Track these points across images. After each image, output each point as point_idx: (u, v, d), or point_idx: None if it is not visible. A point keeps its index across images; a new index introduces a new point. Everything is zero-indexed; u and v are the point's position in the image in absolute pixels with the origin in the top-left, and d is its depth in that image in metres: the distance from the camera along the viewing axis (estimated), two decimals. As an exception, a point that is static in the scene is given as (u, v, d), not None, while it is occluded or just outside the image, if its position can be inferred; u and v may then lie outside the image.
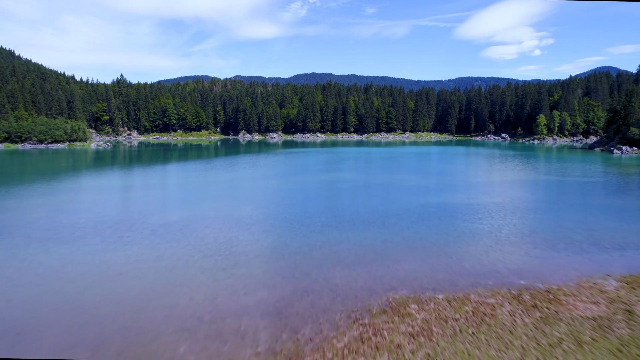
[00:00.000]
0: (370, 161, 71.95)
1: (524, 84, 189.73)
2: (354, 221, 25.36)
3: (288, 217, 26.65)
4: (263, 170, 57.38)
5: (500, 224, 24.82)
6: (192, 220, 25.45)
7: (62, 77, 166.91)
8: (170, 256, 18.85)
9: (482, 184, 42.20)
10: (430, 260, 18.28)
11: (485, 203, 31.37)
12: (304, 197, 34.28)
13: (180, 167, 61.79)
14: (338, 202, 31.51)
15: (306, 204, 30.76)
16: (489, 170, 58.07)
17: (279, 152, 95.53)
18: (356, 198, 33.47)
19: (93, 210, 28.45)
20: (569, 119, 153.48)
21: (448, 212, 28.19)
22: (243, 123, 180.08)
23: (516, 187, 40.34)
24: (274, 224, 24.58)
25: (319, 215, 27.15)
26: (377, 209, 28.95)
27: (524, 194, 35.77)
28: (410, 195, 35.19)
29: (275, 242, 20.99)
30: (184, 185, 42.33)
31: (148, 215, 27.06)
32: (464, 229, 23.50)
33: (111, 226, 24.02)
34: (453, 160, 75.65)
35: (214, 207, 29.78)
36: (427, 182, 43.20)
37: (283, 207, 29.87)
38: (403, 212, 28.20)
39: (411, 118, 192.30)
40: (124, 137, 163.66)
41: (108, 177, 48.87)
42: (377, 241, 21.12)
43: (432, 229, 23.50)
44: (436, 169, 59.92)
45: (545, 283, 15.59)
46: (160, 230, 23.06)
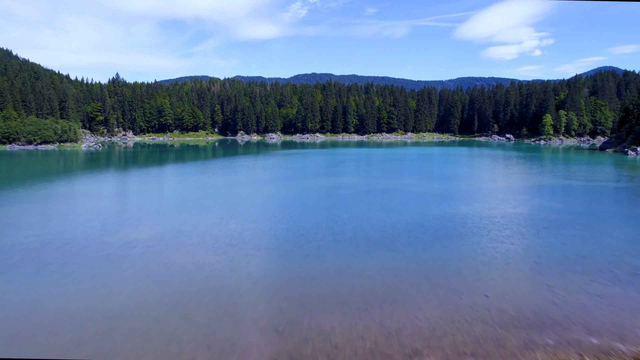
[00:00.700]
0: (372, 163, 67.52)
1: (529, 83, 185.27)
2: (357, 240, 20.94)
3: (278, 234, 22.22)
4: (257, 173, 52.97)
5: (535, 245, 20.39)
6: (161, 239, 21.02)
7: (56, 76, 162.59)
8: (118, 296, 14.44)
9: (500, 191, 37.75)
10: (459, 300, 13.86)
11: (510, 215, 26.93)
12: (299, 207, 29.84)
13: (169, 171, 57.39)
14: (338, 214, 27.08)
15: (301, 217, 26.32)
16: (501, 173, 53.62)
17: (277, 154, 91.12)
18: (358, 208, 29.04)
19: (48, 225, 24.04)
20: (575, 118, 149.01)
21: (468, 227, 23.76)
22: (241, 123, 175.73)
23: (538, 194, 35.89)
24: (260, 245, 20.14)
25: (315, 231, 22.72)
26: (383, 223, 24.52)
27: (550, 203, 31.31)
28: (420, 204, 30.76)
29: (258, 274, 16.55)
30: (166, 192, 37.92)
31: (111, 231, 22.64)
32: (493, 252, 19.06)
33: (59, 247, 19.60)
34: (460, 162, 71.19)
35: (192, 220, 25.35)
36: (437, 188, 38.75)
37: (273, 220, 25.43)
38: (415, 227, 23.78)
39: (413, 118, 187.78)
40: (119, 137, 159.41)
41: (86, 182, 44.46)
42: (388, 270, 16.68)
43: (454, 252, 19.07)
44: (444, 172, 55.48)
45: (628, 342, 11.17)
46: (117, 254, 18.63)
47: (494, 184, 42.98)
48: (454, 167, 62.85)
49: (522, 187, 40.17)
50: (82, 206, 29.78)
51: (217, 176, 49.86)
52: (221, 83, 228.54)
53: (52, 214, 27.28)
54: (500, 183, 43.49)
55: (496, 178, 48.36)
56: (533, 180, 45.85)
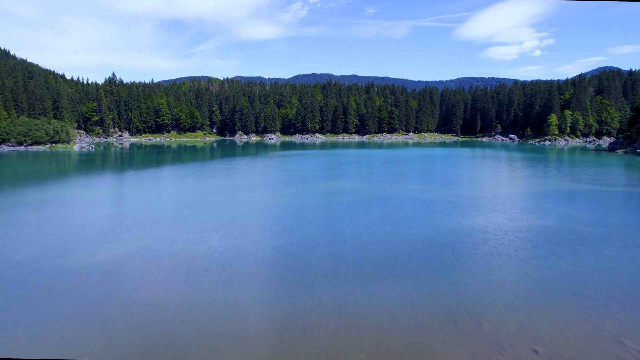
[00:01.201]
0: (374, 166, 64.00)
1: (532, 83, 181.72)
2: (360, 264, 17.41)
3: (266, 255, 18.69)
4: (252, 177, 49.46)
5: (578, 270, 16.85)
6: (125, 263, 17.50)
7: (50, 75, 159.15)
8: (44, 349, 10.92)
9: (517, 197, 34.21)
10: (501, 358, 10.35)
11: (536, 228, 23.39)
12: (293, 217, 26.31)
13: (159, 174, 53.90)
14: (338, 227, 23.55)
15: (295, 231, 22.80)
16: (513, 177, 50.09)
17: (275, 155, 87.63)
18: (361, 219, 25.52)
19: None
20: (581, 118, 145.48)
21: (491, 244, 20.23)
22: (240, 123, 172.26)
23: (561, 202, 32.35)
24: (242, 272, 16.59)
25: (311, 251, 19.20)
26: (390, 240, 21.00)
27: (578, 213, 27.77)
28: (430, 214, 27.22)
29: (235, 315, 13.00)
30: (149, 200, 34.41)
31: (69, 251, 19.12)
32: (529, 280, 15.53)
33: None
34: (466, 164, 67.64)
35: (169, 235, 21.84)
36: (446, 194, 35.21)
37: (263, 236, 21.90)
38: (427, 244, 20.26)
39: (414, 118, 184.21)
40: (115, 138, 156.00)
41: (65, 187, 40.95)
42: (401, 311, 13.12)
43: (481, 281, 15.53)
44: (450, 175, 51.94)
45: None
46: (65, 285, 15.09)
47: (508, 189, 39.43)
48: (461, 169, 59.32)
49: (540, 193, 36.63)
50: (48, 217, 26.26)
51: (209, 180, 46.36)
52: (220, 83, 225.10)
53: (8, 226, 23.77)
54: (514, 188, 39.94)
55: (509, 182, 44.82)
56: (550, 184, 42.31)
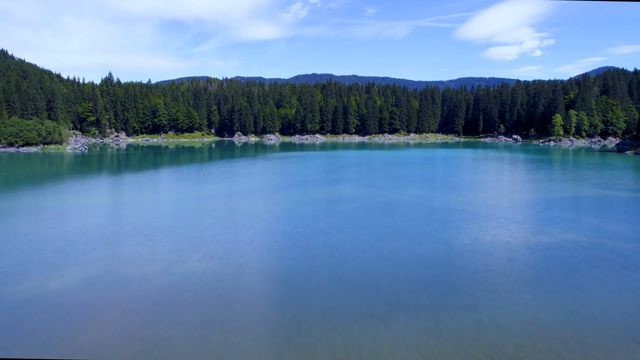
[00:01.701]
0: (376, 168, 61.01)
1: (536, 82, 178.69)
2: (365, 294, 14.39)
3: (250, 284, 15.67)
4: (247, 181, 46.49)
5: (637, 306, 13.88)
6: (78, 295, 14.47)
7: (46, 75, 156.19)
8: None
9: (535, 206, 31.20)
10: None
11: (567, 245, 20.38)
12: (288, 231, 23.30)
13: (147, 178, 50.95)
14: (338, 244, 20.56)
15: (289, 249, 19.80)
16: (526, 181, 47.10)
17: (273, 157, 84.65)
18: (364, 233, 22.53)
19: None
20: (586, 118, 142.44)
21: (519, 266, 17.22)
22: (238, 124, 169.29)
23: (587, 211, 29.33)
24: (218, 309, 13.58)
25: (305, 277, 16.19)
26: (400, 261, 17.99)
27: (611, 226, 24.74)
28: (442, 226, 24.22)
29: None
30: (127, 209, 31.43)
31: (9, 278, 16.12)
32: (575, 321, 12.55)
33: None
34: (473, 166, 64.64)
35: (139, 255, 18.84)
36: (457, 201, 32.21)
37: (251, 255, 18.88)
38: (444, 268, 17.25)
39: (416, 118, 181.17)
40: (111, 139, 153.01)
41: (40, 193, 37.96)
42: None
43: (514, 321, 12.52)
44: (458, 179, 48.93)
45: None
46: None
47: (524, 195, 36.41)
48: (468, 172, 56.32)
49: (559, 200, 33.61)
50: (6, 231, 23.28)
51: (200, 185, 43.40)
52: (219, 83, 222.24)
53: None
54: (530, 194, 36.92)
55: (523, 187, 41.79)
56: (567, 190, 39.29)
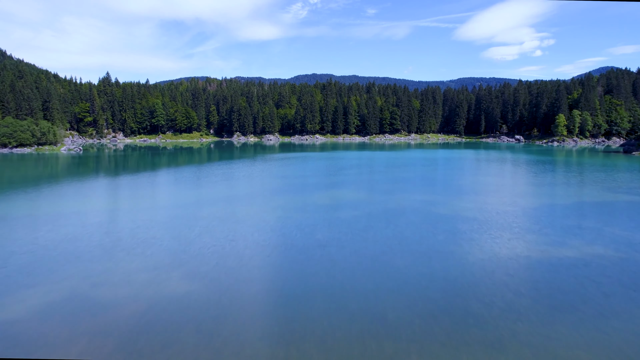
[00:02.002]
0: (377, 170, 59.29)
1: (539, 82, 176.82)
2: (370, 328, 12.65)
3: (235, 313, 13.93)
4: (243, 185, 44.76)
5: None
6: (36, 320, 12.78)
7: (43, 75, 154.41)
8: None
9: (550, 212, 29.46)
10: None
11: (597, 262, 18.67)
12: (281, 244, 21.54)
13: (138, 182, 49.26)
14: (337, 260, 18.81)
15: (281, 266, 18.05)
16: (536, 184, 45.36)
17: (272, 158, 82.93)
18: (367, 246, 20.79)
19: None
20: (590, 119, 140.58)
21: (545, 291, 15.49)
22: (237, 124, 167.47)
23: (608, 219, 27.60)
24: (199, 342, 11.84)
25: (300, 303, 14.43)
26: (407, 282, 16.26)
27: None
28: (452, 238, 22.48)
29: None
30: (109, 217, 29.71)
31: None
32: (627, 350, 10.85)
33: None
34: (478, 168, 62.90)
35: (111, 274, 17.11)
36: (465, 207, 30.47)
37: (236, 275, 17.08)
38: (460, 292, 15.49)
39: (417, 119, 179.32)
40: (109, 139, 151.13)
41: (19, 198, 36.28)
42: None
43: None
44: (464, 182, 47.17)
45: None
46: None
47: (536, 200, 34.62)
48: (473, 174, 54.58)
49: (575, 206, 31.87)
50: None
51: (193, 189, 41.69)
52: (218, 83, 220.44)
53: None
54: (543, 199, 35.14)
55: (534, 191, 40.02)
56: (581, 194, 37.54)
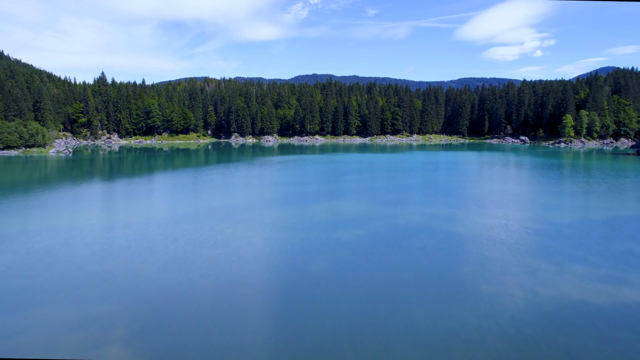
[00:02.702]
0: (380, 176, 55.24)
1: (544, 82, 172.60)
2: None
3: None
4: (233, 195, 40.74)
5: None
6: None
7: (36, 75, 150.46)
8: None
9: (589, 231, 25.43)
10: None
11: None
12: (264, 281, 17.48)
13: (121, 190, 45.30)
14: (335, 307, 14.76)
15: (258, 320, 13.97)
16: (561, 193, 41.30)
17: (270, 162, 78.92)
18: (372, 283, 16.74)
19: None
20: (598, 119, 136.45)
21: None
22: (235, 125, 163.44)
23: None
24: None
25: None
26: (436, 342, 12.19)
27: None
28: (483, 269, 18.45)
29: None
30: (63, 237, 25.71)
31: None
32: None
33: None
34: (489, 173, 58.79)
35: (52, 315, 13.09)
36: (488, 224, 26.40)
37: (201, 331, 13.06)
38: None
39: (419, 119, 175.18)
40: (103, 140, 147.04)
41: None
42: None
43: None
44: (478, 191, 43.08)
45: None
46: None
47: (566, 215, 30.51)
48: (486, 181, 50.51)
49: (616, 223, 27.81)
50: None
51: (174, 200, 37.66)
52: (217, 83, 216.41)
53: None
54: (573, 214, 31.02)
55: (560, 203, 35.86)
56: (622, 208, 33.44)
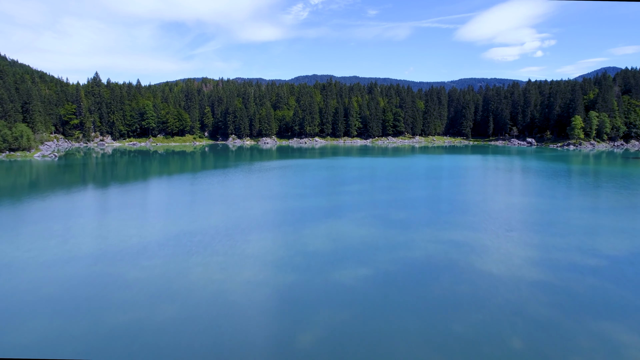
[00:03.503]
0: (384, 186, 50.34)
1: (552, 82, 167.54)
2: None
3: None
4: (213, 211, 35.87)
5: None
6: None
7: (28, 76, 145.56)
8: None
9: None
10: None
11: None
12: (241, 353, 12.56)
13: (88, 204, 40.50)
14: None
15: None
16: (597, 210, 36.41)
17: (265, 168, 74.03)
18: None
19: None
20: (608, 120, 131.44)
21: None
22: (233, 126, 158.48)
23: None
24: None
25: None
26: None
27: None
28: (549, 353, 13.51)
29: None
30: (13, 266, 20.87)
31: None
32: None
33: None
34: (505, 180, 53.83)
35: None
36: (535, 262, 21.53)
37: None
38: None
39: (421, 120, 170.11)
40: (96, 143, 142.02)
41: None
42: None
43: None
44: (502, 207, 38.15)
45: None
46: None
47: (625, 242, 25.61)
48: (506, 193, 45.56)
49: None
50: None
51: (148, 220, 32.81)
52: (215, 84, 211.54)
53: None
54: (625, 241, 26.12)
55: (615, 225, 30.90)
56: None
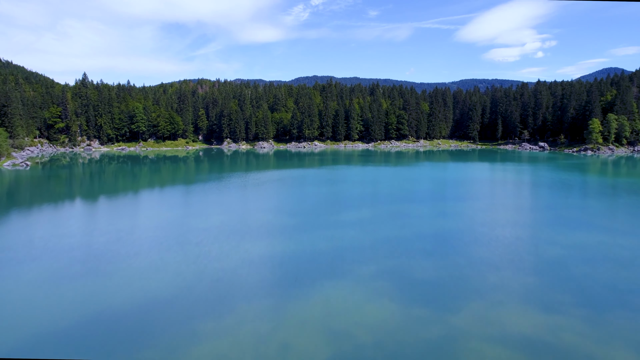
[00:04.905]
0: (391, 212, 41.94)
1: (565, 83, 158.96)
2: None
3: None
4: (191, 254, 27.46)
5: None
6: None
7: (12, 77, 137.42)
8: None
9: None
10: None
11: None
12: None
13: (30, 229, 32.03)
14: None
15: None
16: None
17: (259, 181, 65.55)
18: None
19: None
20: (627, 123, 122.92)
21: None
22: (228, 130, 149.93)
23: None
24: None
25: None
26: None
27: None
28: None
29: None
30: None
31: None
32: None
33: None
34: (532, 195, 45.43)
35: None
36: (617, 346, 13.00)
37: None
38: None
39: (426, 123, 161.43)
40: (83, 147, 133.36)
41: None
42: None
43: None
44: (545, 241, 29.73)
45: None
46: None
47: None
48: (550, 223, 37.11)
49: None
50: None
51: (97, 263, 24.43)
52: (211, 85, 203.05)
53: None
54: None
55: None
56: None
